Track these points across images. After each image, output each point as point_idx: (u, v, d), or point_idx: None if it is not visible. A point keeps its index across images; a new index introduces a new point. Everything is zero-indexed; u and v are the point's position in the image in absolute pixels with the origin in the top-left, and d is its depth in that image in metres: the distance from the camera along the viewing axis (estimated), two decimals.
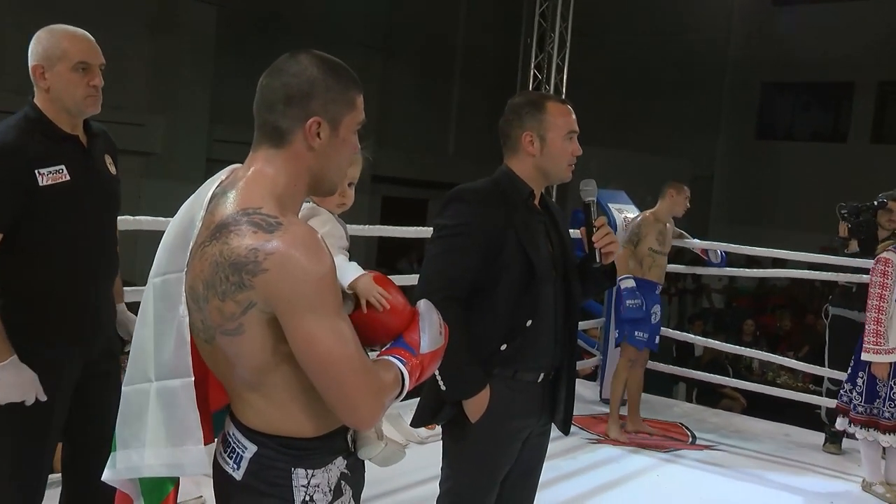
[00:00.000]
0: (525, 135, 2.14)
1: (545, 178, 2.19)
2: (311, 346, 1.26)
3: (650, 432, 4.80)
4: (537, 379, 2.16)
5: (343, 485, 1.40)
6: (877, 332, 3.79)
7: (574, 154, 2.16)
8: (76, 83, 2.13)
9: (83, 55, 2.14)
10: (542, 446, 2.30)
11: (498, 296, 2.07)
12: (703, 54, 14.33)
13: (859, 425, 3.94)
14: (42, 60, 2.13)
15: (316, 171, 1.38)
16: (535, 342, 2.11)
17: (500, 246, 2.06)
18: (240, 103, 8.52)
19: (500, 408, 2.09)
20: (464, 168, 13.72)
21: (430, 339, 1.47)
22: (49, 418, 2.22)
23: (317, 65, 1.36)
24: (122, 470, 1.48)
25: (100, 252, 2.29)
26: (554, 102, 2.18)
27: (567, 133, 2.14)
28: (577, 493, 3.76)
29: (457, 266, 2.06)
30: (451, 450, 2.19)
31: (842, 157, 13.78)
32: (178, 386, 1.36)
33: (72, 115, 2.18)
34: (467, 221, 2.08)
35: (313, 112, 1.34)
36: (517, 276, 2.07)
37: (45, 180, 2.08)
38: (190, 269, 1.33)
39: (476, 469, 2.15)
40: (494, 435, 2.11)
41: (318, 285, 1.25)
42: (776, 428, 5.15)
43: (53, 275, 2.17)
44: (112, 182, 2.33)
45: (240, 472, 1.35)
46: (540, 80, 8.31)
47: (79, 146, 2.21)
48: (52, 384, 2.19)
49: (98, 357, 2.35)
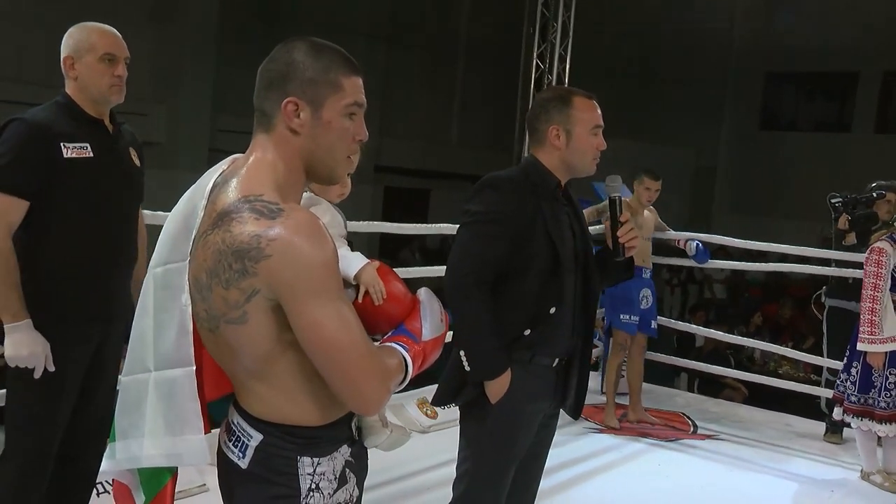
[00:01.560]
0: (552, 128, 2.19)
1: (570, 171, 2.23)
2: (316, 331, 1.26)
3: (652, 422, 4.81)
4: (552, 364, 2.22)
5: (348, 472, 1.41)
6: (871, 322, 3.80)
7: (598, 148, 2.20)
8: (102, 73, 2.31)
9: (109, 48, 2.32)
10: (551, 430, 2.36)
11: (525, 283, 2.13)
12: (706, 44, 14.27)
13: (853, 415, 3.95)
14: (72, 52, 2.32)
15: (305, 155, 1.36)
16: (556, 329, 2.17)
17: (529, 234, 2.12)
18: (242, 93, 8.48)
19: (519, 390, 2.15)
20: (467, 158, 13.74)
21: (432, 327, 1.48)
22: (59, 394, 2.30)
23: (304, 49, 1.36)
24: (122, 461, 1.48)
25: (120, 236, 2.40)
26: (580, 97, 2.22)
27: (593, 127, 2.19)
28: (578, 482, 3.77)
29: (487, 252, 2.11)
30: (471, 431, 2.23)
31: (846, 147, 13.74)
32: (179, 375, 1.36)
33: (98, 104, 2.34)
34: (498, 209, 2.13)
35: (289, 93, 1.34)
36: (544, 264, 2.13)
37: (69, 153, 2.24)
38: (193, 258, 1.33)
39: (496, 450, 2.19)
40: (514, 416, 2.17)
41: (321, 270, 1.25)
42: (777, 418, 5.16)
43: (73, 252, 2.28)
44: (136, 172, 2.48)
45: (245, 461, 1.35)
46: (543, 70, 8.28)
47: (104, 130, 2.36)
48: (63, 360, 2.28)
49: (111, 342, 2.43)
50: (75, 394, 2.35)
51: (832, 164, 13.39)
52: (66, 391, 2.31)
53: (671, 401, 5.43)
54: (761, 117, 15.35)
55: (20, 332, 2.18)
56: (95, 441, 2.47)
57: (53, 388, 2.27)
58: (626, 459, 4.22)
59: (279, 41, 1.42)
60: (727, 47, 14.96)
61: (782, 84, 15.26)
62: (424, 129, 13.71)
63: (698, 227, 5.49)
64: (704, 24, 14.17)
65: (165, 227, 1.43)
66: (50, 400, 2.29)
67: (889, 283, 3.84)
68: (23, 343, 2.18)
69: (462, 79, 14.44)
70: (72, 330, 2.30)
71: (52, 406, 2.30)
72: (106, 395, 2.50)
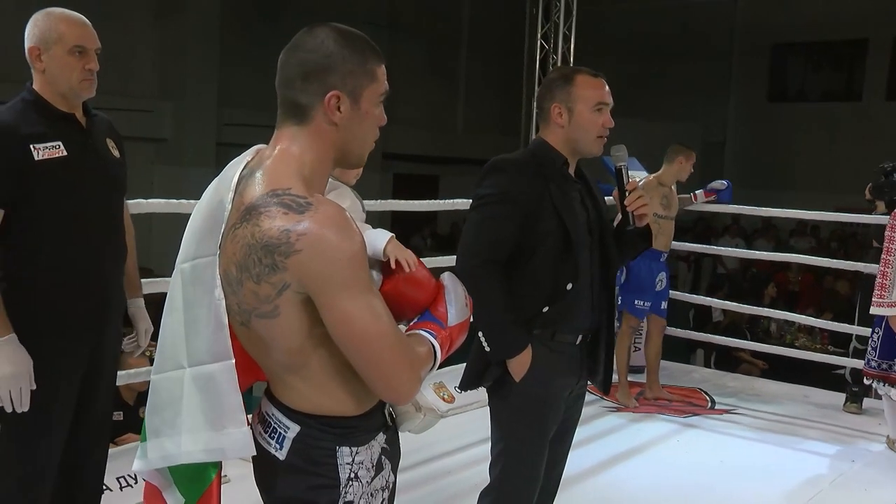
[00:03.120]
0: (554, 106, 2.20)
1: (575, 150, 2.22)
2: (348, 324, 1.26)
3: (669, 398, 4.82)
4: (575, 341, 2.23)
5: (384, 459, 1.42)
6: (881, 286, 3.81)
7: (605, 126, 2.19)
8: (72, 66, 2.14)
9: (79, 39, 2.16)
10: (579, 408, 2.38)
11: (539, 261, 2.14)
12: (711, 18, 14.14)
13: (875, 380, 3.95)
14: (39, 42, 2.15)
15: (340, 146, 1.37)
16: (575, 305, 2.18)
17: (538, 213, 2.13)
18: (247, 86, 8.58)
19: (543, 368, 2.16)
20: (473, 142, 13.70)
21: (457, 312, 1.48)
22: (52, 407, 2.19)
23: (334, 38, 1.34)
24: (155, 460, 1.46)
25: (105, 235, 2.27)
26: (584, 75, 2.21)
27: (595, 105, 2.17)
28: (598, 460, 3.79)
29: (497, 232, 2.14)
30: (500, 411, 2.25)
31: (857, 115, 13.62)
32: (217, 370, 1.35)
33: (67, 99, 2.18)
34: (506, 190, 2.15)
35: (332, 86, 1.33)
36: (556, 241, 2.14)
37: (41, 155, 2.08)
38: (223, 252, 1.32)
39: (526, 427, 2.21)
40: (540, 393, 2.18)
41: (350, 263, 1.25)
42: (795, 390, 5.15)
43: (56, 258, 2.14)
44: (115, 164, 2.31)
45: (283, 452, 1.36)
46: (547, 51, 8.24)
47: (76, 125, 2.21)
48: (53, 375, 2.16)
49: (105, 344, 2.32)
50: (72, 404, 2.24)
51: (843, 134, 13.29)
52: (59, 403, 2.20)
53: (688, 377, 5.43)
54: (769, 89, 15.22)
55: (4, 347, 2.05)
56: (97, 445, 2.41)
57: (46, 405, 2.15)
58: (644, 436, 4.22)
59: (282, 34, 1.41)
60: (732, 20, 14.82)
61: (789, 55, 15.11)
62: (431, 116, 13.69)
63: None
64: None
65: (191, 222, 1.41)
66: (44, 418, 2.17)
67: None
68: (5, 360, 2.05)
69: (466, 63, 14.39)
70: (61, 341, 2.17)
71: (46, 423, 2.18)
72: (105, 397, 2.40)
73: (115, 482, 2.92)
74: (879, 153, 4.75)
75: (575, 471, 2.31)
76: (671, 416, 4.54)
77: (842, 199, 8.30)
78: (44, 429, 2.19)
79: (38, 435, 2.19)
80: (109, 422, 2.53)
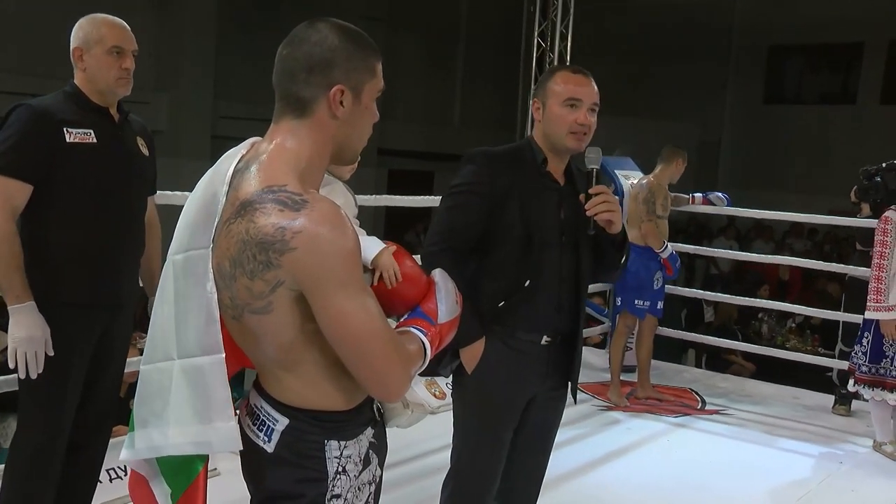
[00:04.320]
0: (533, 102, 2.25)
1: (551, 146, 2.20)
2: (342, 323, 1.27)
3: (660, 398, 4.83)
4: (539, 341, 2.20)
5: (371, 453, 1.43)
6: (877, 290, 3.84)
7: (577, 122, 2.15)
8: (110, 65, 2.33)
9: (117, 40, 2.35)
10: (554, 410, 2.34)
11: (500, 254, 2.15)
12: (708, 18, 14.15)
13: (864, 385, 3.97)
14: (81, 44, 2.34)
15: (340, 140, 1.38)
16: (535, 304, 2.16)
17: (504, 207, 2.13)
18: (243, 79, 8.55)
19: (498, 365, 2.15)
20: (470, 139, 13.64)
21: (447, 309, 1.49)
22: (66, 381, 2.31)
23: (337, 33, 1.35)
24: (142, 450, 1.47)
25: (124, 222, 2.40)
26: (563, 71, 2.21)
27: (565, 100, 2.15)
28: (587, 460, 3.80)
29: (458, 220, 2.16)
30: (456, 405, 2.28)
31: (851, 118, 13.65)
32: (207, 363, 1.35)
33: (104, 95, 2.36)
34: (473, 181, 2.17)
35: (336, 80, 1.33)
36: (519, 237, 2.13)
37: (72, 138, 2.26)
38: (217, 246, 1.32)
39: (477, 422, 2.21)
40: (493, 391, 2.17)
41: (345, 262, 1.25)
42: (785, 391, 5.17)
43: (75, 237, 2.29)
44: (143, 160, 2.48)
45: (271, 445, 1.36)
46: (544, 49, 8.23)
47: (109, 118, 2.38)
48: (68, 347, 2.29)
49: (115, 329, 2.43)
50: (81, 381, 2.36)
51: (838, 137, 13.32)
52: (72, 378, 2.32)
53: (679, 377, 5.45)
54: (765, 90, 15.24)
55: (22, 313, 2.20)
56: (100, 429, 2.53)
57: (59, 375, 2.28)
58: (635, 436, 4.24)
59: (279, 27, 1.42)
60: (729, 21, 14.84)
61: (786, 57, 15.13)
62: (427, 111, 13.67)
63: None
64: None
65: (184, 213, 1.41)
66: (57, 387, 2.30)
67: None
68: (23, 324, 2.19)
69: (463, 59, 14.37)
70: (75, 316, 2.30)
71: (59, 393, 2.31)
72: (111, 383, 2.51)
73: (104, 474, 2.92)
74: (874, 157, 4.76)
75: (564, 469, 2.31)
76: (662, 416, 4.56)
77: (836, 201, 8.31)
78: (60, 397, 2.32)
79: (56, 403, 2.32)
80: (114, 407, 2.64)
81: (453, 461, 2.28)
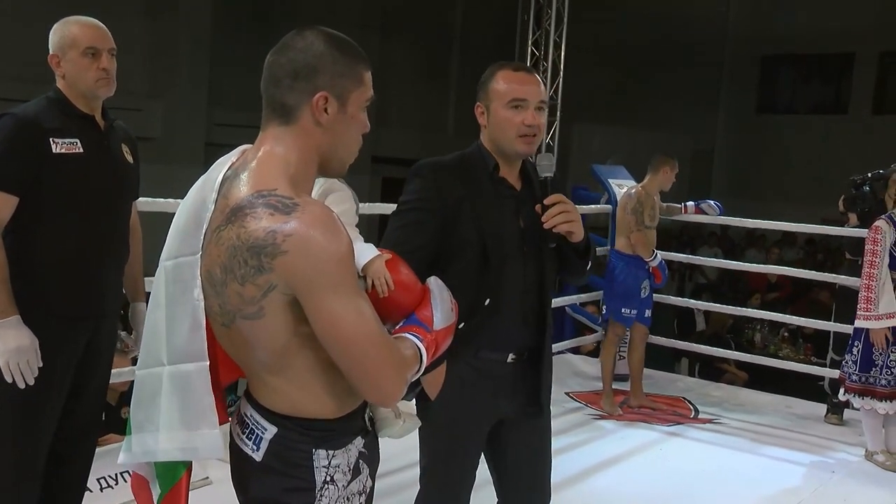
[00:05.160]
0: (477, 106, 2.08)
1: (500, 150, 2.05)
2: (335, 326, 1.26)
3: (653, 407, 4.83)
4: (504, 359, 2.07)
5: (361, 464, 1.41)
6: (867, 299, 3.86)
7: (524, 123, 1.98)
8: (87, 67, 2.27)
9: (91, 41, 2.29)
10: (537, 432, 2.18)
11: (456, 272, 1.94)
12: (701, 28, 14.23)
13: (855, 394, 3.99)
14: (57, 50, 2.30)
15: (325, 149, 1.37)
16: (498, 321, 2.01)
17: (455, 220, 1.99)
18: (237, 86, 8.53)
19: (462, 387, 2.02)
20: (464, 146, 13.65)
21: (443, 316, 1.49)
22: (49, 392, 2.27)
23: (324, 40, 1.35)
24: (139, 454, 1.48)
25: (110, 232, 2.37)
26: (505, 70, 2.05)
27: (509, 101, 1.99)
28: (580, 468, 3.79)
29: (409, 241, 1.97)
30: (421, 435, 2.10)
31: (843, 128, 13.73)
32: (193, 370, 1.35)
33: (87, 99, 2.31)
34: (422, 196, 2.03)
35: (320, 87, 1.33)
36: (475, 252, 1.99)
37: (59, 148, 2.22)
38: (206, 253, 1.32)
39: (440, 445, 2.10)
40: (457, 414, 2.05)
41: (337, 265, 1.25)
42: (778, 400, 5.17)
43: (61, 248, 2.26)
44: (127, 168, 2.44)
45: (259, 453, 1.36)
46: (538, 57, 8.26)
47: (94, 126, 2.33)
48: (52, 357, 2.25)
49: (99, 340, 2.40)
50: (65, 391, 2.32)
51: (829, 147, 13.40)
52: (55, 389, 2.28)
53: (672, 386, 5.45)
54: (757, 101, 15.34)
55: (8, 327, 2.16)
56: (86, 439, 2.48)
57: (43, 387, 2.24)
58: (628, 445, 4.23)
59: (273, 35, 1.42)
60: (722, 31, 14.93)
61: (778, 67, 15.23)
62: (421, 119, 13.69)
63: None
64: (699, 8, 14.13)
65: (175, 220, 1.41)
66: (39, 399, 2.26)
67: (887, 260, 3.87)
68: (10, 337, 2.16)
69: (457, 67, 14.40)
70: (60, 328, 2.27)
71: (41, 405, 2.27)
72: (96, 393, 2.47)
73: (95, 483, 2.90)
74: (865, 166, 4.79)
75: (556, 479, 2.30)
76: (654, 425, 4.56)
77: (828, 210, 8.35)
78: (41, 408, 2.28)
79: (36, 414, 2.27)
80: (99, 417, 2.62)
81: (422, 483, 2.16)
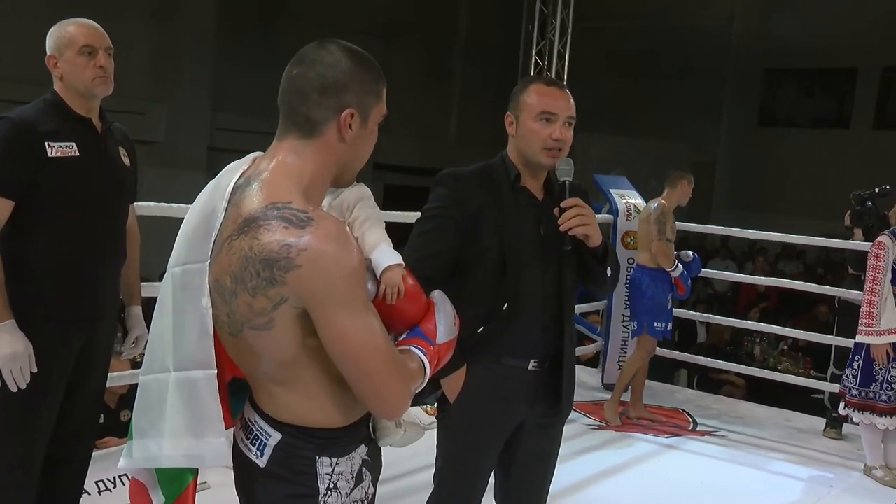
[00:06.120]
0: (507, 116, 2.14)
1: (525, 161, 2.11)
2: (345, 340, 1.27)
3: (652, 418, 4.82)
4: (526, 366, 2.11)
5: (364, 471, 1.42)
6: (868, 314, 3.86)
7: (551, 136, 2.04)
8: (83, 66, 2.27)
9: (87, 39, 2.29)
10: (550, 437, 2.24)
11: (476, 278, 2.05)
12: (705, 40, 14.27)
13: (854, 408, 3.98)
14: (54, 50, 2.30)
15: (344, 162, 1.39)
16: (517, 327, 2.06)
17: (477, 228, 2.05)
18: (241, 91, 8.57)
19: (481, 392, 2.07)
20: (466, 155, 13.65)
21: (446, 329, 1.50)
22: (44, 395, 2.26)
23: (349, 56, 1.36)
24: (140, 459, 1.47)
25: (106, 235, 2.36)
26: (537, 84, 2.11)
27: (539, 114, 2.05)
28: (578, 479, 3.78)
29: (430, 248, 2.05)
30: (439, 433, 2.19)
31: (845, 143, 13.75)
32: (200, 377, 1.35)
33: (85, 98, 2.32)
34: (444, 204, 2.09)
35: (348, 103, 1.35)
36: (495, 259, 2.05)
37: (55, 152, 2.21)
38: (216, 261, 1.32)
39: (456, 449, 2.14)
40: (475, 420, 2.10)
41: (348, 280, 1.26)
42: (777, 413, 5.17)
43: (57, 251, 2.25)
44: (124, 171, 2.43)
45: (263, 460, 1.36)
46: (542, 67, 8.29)
47: (91, 129, 2.32)
48: (48, 360, 2.24)
49: (96, 342, 2.39)
50: (61, 394, 2.31)
51: (831, 161, 13.41)
52: (51, 391, 2.28)
53: (671, 397, 5.44)
54: (760, 113, 15.36)
55: (2, 332, 2.15)
56: (82, 441, 2.47)
57: (38, 388, 2.23)
58: (626, 456, 4.23)
59: (277, 41, 1.43)
60: (726, 43, 14.96)
61: (781, 80, 15.26)
62: (423, 127, 13.71)
63: (697, 223, 5.54)
64: (703, 20, 14.17)
65: (183, 226, 1.41)
66: (35, 401, 2.25)
67: (889, 275, 3.87)
68: (4, 343, 2.15)
69: (461, 76, 14.45)
70: (56, 330, 2.26)
71: (37, 407, 2.26)
72: (92, 395, 2.46)
73: (93, 486, 2.90)
74: (866, 181, 4.80)
75: (554, 489, 2.30)
76: (653, 437, 4.55)
77: (829, 224, 8.35)
78: (37, 409, 2.27)
79: (32, 415, 2.26)
80: (96, 419, 2.61)
81: (435, 484, 2.22)
